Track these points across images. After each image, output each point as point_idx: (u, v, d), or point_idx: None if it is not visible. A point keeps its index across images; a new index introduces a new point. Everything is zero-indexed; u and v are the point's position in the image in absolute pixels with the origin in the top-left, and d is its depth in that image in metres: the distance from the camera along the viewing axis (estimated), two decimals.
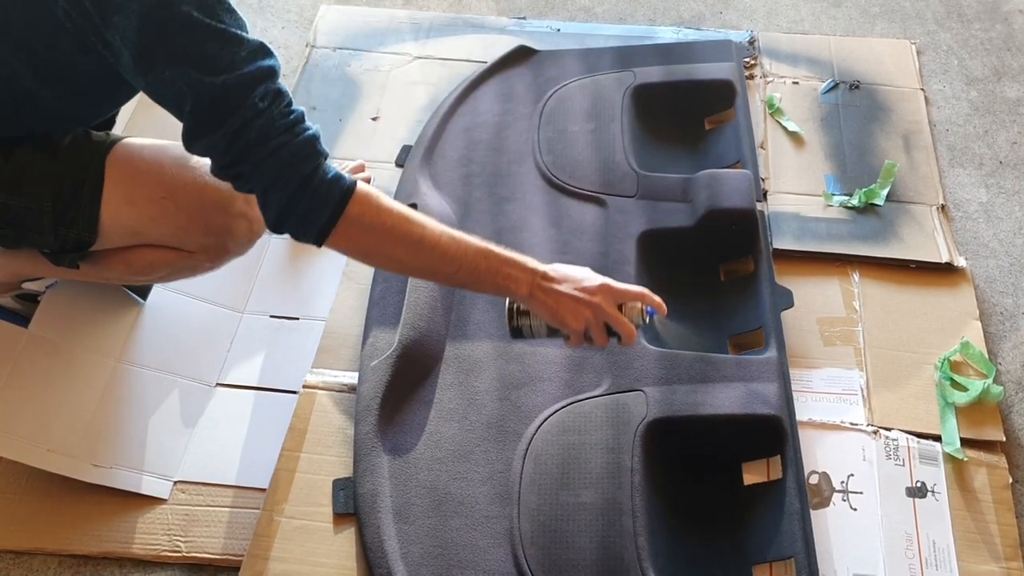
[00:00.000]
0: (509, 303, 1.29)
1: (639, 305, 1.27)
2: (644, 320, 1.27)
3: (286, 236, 1.18)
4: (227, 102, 1.09)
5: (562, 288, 1.24)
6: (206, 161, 1.19)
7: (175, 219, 1.34)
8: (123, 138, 1.36)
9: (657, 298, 1.29)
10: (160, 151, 1.35)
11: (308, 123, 1.15)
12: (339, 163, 1.82)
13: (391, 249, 1.20)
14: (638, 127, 1.91)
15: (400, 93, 2.06)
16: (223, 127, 1.10)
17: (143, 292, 1.65)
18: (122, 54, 1.12)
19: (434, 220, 1.22)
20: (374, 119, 2.00)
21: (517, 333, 1.30)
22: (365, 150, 1.93)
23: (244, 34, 1.12)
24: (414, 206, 1.69)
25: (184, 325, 1.65)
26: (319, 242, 1.17)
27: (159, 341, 1.62)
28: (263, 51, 1.13)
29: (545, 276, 1.25)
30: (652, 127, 1.94)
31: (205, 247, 1.39)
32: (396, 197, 1.76)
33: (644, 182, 1.76)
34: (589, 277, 1.26)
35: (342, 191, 1.14)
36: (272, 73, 1.13)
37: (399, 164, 1.88)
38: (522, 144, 1.86)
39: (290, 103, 1.14)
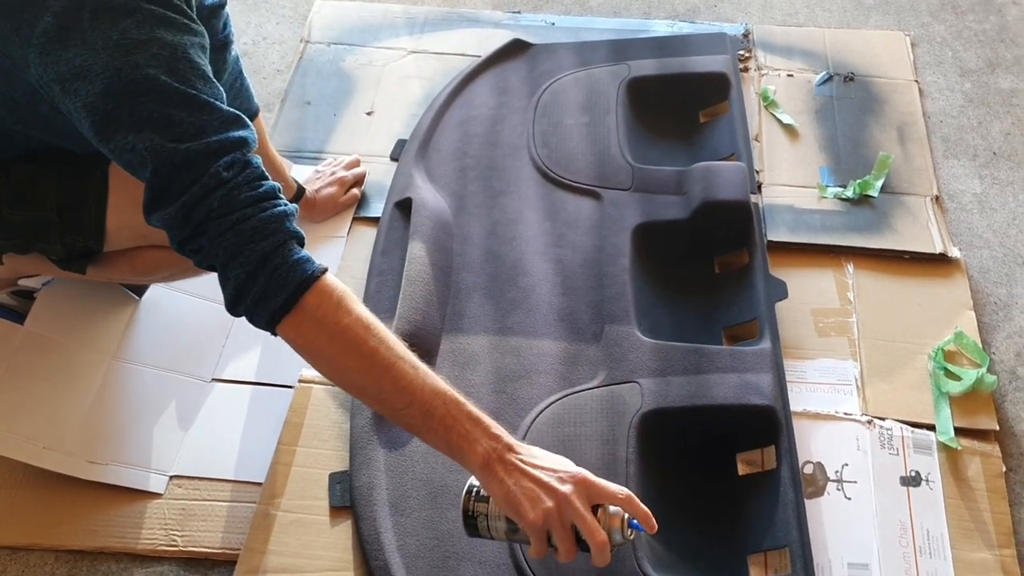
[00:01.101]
0: (468, 487, 1.12)
1: (621, 514, 1.06)
2: (626, 535, 1.05)
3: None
4: (188, 171, 1.03)
5: (527, 468, 1.05)
6: None
7: None
8: None
9: (644, 508, 1.07)
10: None
11: (281, 200, 1.07)
12: (333, 158, 1.86)
13: (338, 355, 1.07)
14: (633, 120, 1.92)
15: (395, 87, 2.06)
16: (182, 197, 1.03)
17: (139, 289, 1.66)
18: (82, 121, 1.07)
19: (402, 345, 1.09)
20: (369, 114, 2.01)
21: (472, 527, 1.11)
22: (360, 145, 1.93)
23: (217, 103, 1.07)
24: (409, 200, 1.70)
25: (179, 321, 1.65)
26: (271, 328, 1.07)
27: (155, 338, 1.62)
28: (237, 122, 1.08)
29: (510, 448, 1.07)
30: (647, 120, 1.95)
31: None
32: (391, 191, 1.78)
33: (639, 175, 1.76)
34: (565, 465, 1.07)
35: (303, 276, 1.05)
36: (242, 144, 1.07)
37: (394, 158, 1.88)
38: (517, 137, 1.86)
39: (262, 176, 1.07)
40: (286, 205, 1.08)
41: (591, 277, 1.63)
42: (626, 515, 1.05)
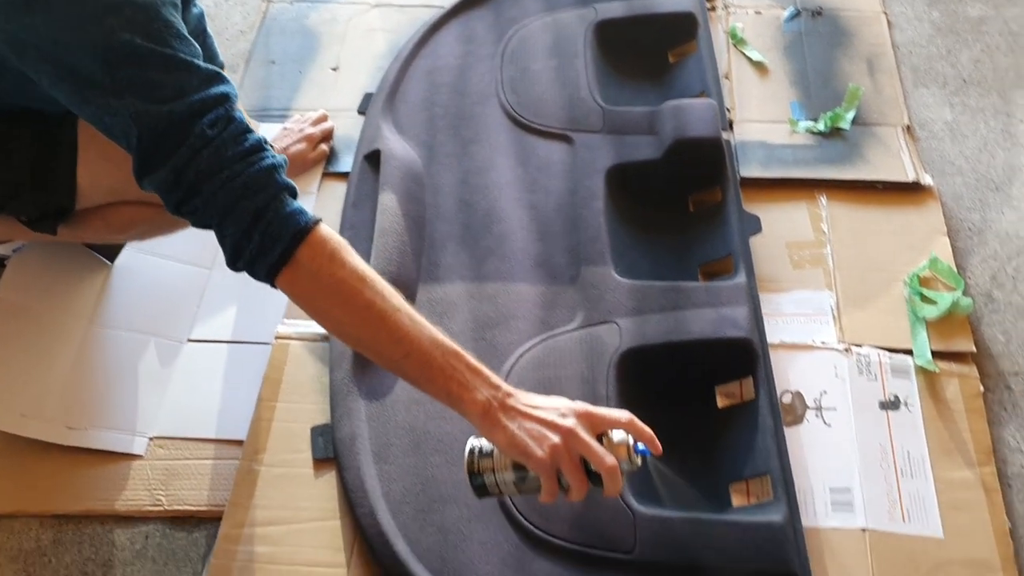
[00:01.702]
0: (470, 449, 1.11)
1: (628, 439, 1.06)
2: (635, 462, 1.06)
3: None
4: (174, 132, 1.02)
5: (527, 409, 1.06)
6: None
7: None
8: None
9: (648, 431, 1.09)
10: None
11: (268, 151, 1.07)
12: (300, 115, 1.84)
13: (332, 307, 1.08)
14: (602, 62, 1.90)
15: (359, 42, 2.04)
16: (171, 160, 1.02)
17: (111, 254, 1.64)
18: (57, 88, 1.06)
19: (399, 296, 1.09)
20: (334, 69, 1.99)
21: (481, 488, 1.11)
22: (327, 100, 1.91)
23: (195, 61, 1.05)
24: (377, 152, 1.69)
25: (153, 284, 1.64)
26: (271, 282, 1.07)
27: (129, 302, 1.61)
28: (217, 78, 1.07)
29: (509, 394, 1.07)
30: (615, 62, 1.93)
31: None
32: (359, 145, 1.76)
33: (610, 116, 1.75)
34: (562, 401, 1.08)
35: (296, 228, 1.04)
36: (224, 99, 1.06)
37: (361, 112, 1.86)
38: (485, 85, 1.85)
39: (246, 129, 1.06)
40: (274, 157, 1.07)
41: (566, 221, 1.62)
42: (631, 442, 1.06)
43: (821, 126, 1.81)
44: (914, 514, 1.34)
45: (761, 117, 1.85)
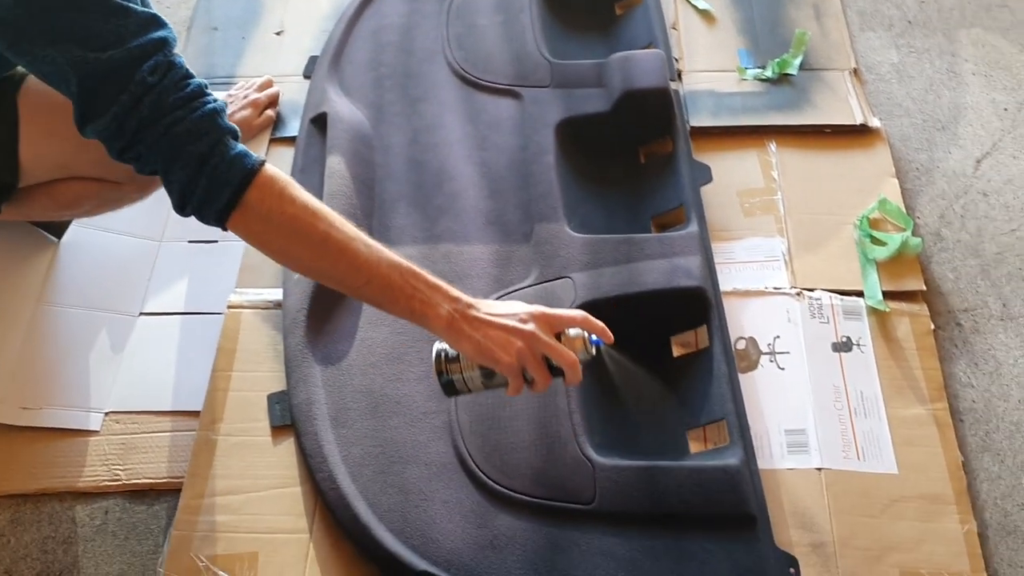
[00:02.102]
0: (436, 353, 1.17)
1: (582, 333, 1.14)
2: (590, 352, 1.14)
3: None
4: (115, 79, 1.01)
5: (488, 317, 1.11)
6: None
7: (99, 148, 1.29)
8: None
9: (600, 323, 1.16)
10: None
11: (209, 96, 1.06)
12: (245, 81, 1.81)
13: (291, 246, 1.09)
14: (548, 16, 1.89)
15: (303, 4, 2.00)
16: (112, 107, 1.01)
17: (58, 231, 1.62)
18: None
19: (351, 225, 1.10)
20: (278, 33, 1.96)
21: (450, 388, 1.17)
22: (272, 66, 1.88)
23: (132, 5, 1.03)
24: (323, 115, 1.67)
25: (102, 260, 1.62)
26: (221, 226, 1.07)
27: (78, 278, 1.59)
28: (154, 22, 1.05)
29: (470, 306, 1.12)
30: (562, 15, 1.92)
31: (132, 176, 1.34)
32: (305, 108, 1.74)
33: (558, 70, 1.74)
34: (519, 306, 1.14)
35: (243, 172, 1.04)
36: (163, 44, 1.04)
37: (307, 76, 1.84)
38: (431, 42, 1.82)
39: (187, 75, 1.05)
40: (215, 101, 1.06)
41: (517, 177, 1.61)
42: (586, 335, 1.14)
43: (769, 73, 1.81)
44: (868, 452, 1.36)
45: (709, 66, 1.84)
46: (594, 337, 1.15)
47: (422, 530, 1.24)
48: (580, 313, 1.16)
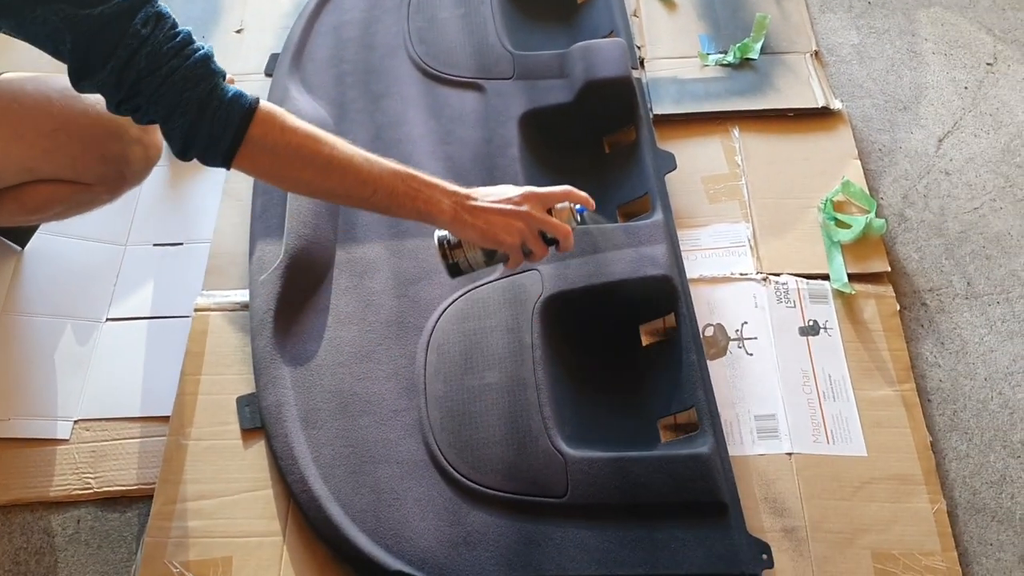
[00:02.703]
0: (439, 240, 1.24)
1: (568, 206, 1.23)
2: (576, 220, 1.23)
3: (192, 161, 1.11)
4: (108, 34, 1.01)
5: (487, 205, 1.19)
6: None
7: (69, 150, 1.28)
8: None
9: (583, 193, 1.25)
10: (43, 83, 1.28)
11: (198, 42, 1.07)
12: None
13: (299, 172, 1.14)
14: (509, 7, 1.88)
15: (263, 2, 1.99)
16: (109, 62, 1.02)
17: (22, 240, 1.60)
18: None
19: (345, 141, 1.15)
20: (238, 31, 1.94)
21: (455, 270, 1.25)
22: (232, 64, 1.86)
23: None
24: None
25: (66, 266, 1.60)
26: (226, 166, 1.11)
27: (42, 286, 1.57)
28: None
29: (468, 196, 1.19)
30: (523, 5, 1.91)
31: (102, 177, 1.34)
32: None
33: (520, 62, 1.74)
34: (511, 189, 1.22)
35: (242, 111, 1.07)
36: None
37: (268, 73, 1.82)
38: (392, 37, 1.81)
39: (174, 24, 1.06)
40: (204, 47, 1.08)
41: (482, 171, 1.61)
42: (571, 205, 1.23)
43: (731, 58, 1.81)
44: (838, 435, 1.37)
45: (671, 53, 1.84)
46: (578, 207, 1.24)
47: (395, 529, 1.24)
48: (564, 187, 1.24)
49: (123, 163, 1.33)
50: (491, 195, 1.21)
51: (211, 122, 1.06)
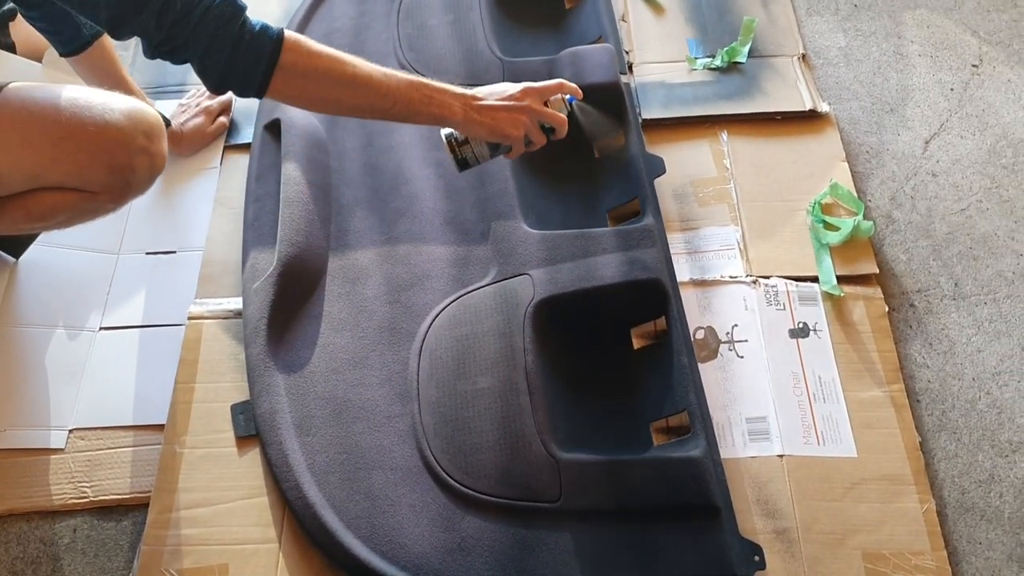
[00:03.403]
0: (447, 138, 1.36)
1: (561, 97, 1.37)
2: (567, 108, 1.37)
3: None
4: None
5: (493, 103, 1.31)
6: (104, 99, 1.24)
7: (76, 158, 1.28)
8: (8, 84, 1.30)
9: (572, 85, 1.38)
10: (52, 92, 1.29)
11: None
12: (197, 89, 1.80)
13: (328, 91, 1.23)
14: (498, 13, 1.89)
15: (253, 8, 1.92)
16: (147, 7, 1.11)
17: (16, 251, 1.60)
18: None
19: (362, 60, 1.25)
20: None
21: (464, 164, 1.38)
22: None
23: None
24: (277, 121, 1.66)
25: (59, 277, 1.61)
26: (260, 95, 1.20)
27: (36, 297, 1.58)
28: None
29: (474, 97, 1.31)
30: (512, 12, 1.92)
31: (108, 186, 1.34)
32: (259, 113, 1.74)
33: (509, 68, 1.74)
34: (510, 86, 1.34)
35: (271, 42, 1.16)
36: None
37: None
38: (382, 44, 1.82)
39: None
40: None
41: (473, 177, 1.61)
42: (563, 96, 1.37)
43: (719, 62, 1.82)
44: (828, 436, 1.38)
45: (660, 57, 1.85)
46: (569, 97, 1.38)
47: (390, 536, 1.25)
48: (557, 80, 1.37)
49: (129, 172, 1.34)
50: (494, 93, 1.33)
51: (245, 55, 1.16)
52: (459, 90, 1.30)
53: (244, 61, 1.16)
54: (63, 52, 1.54)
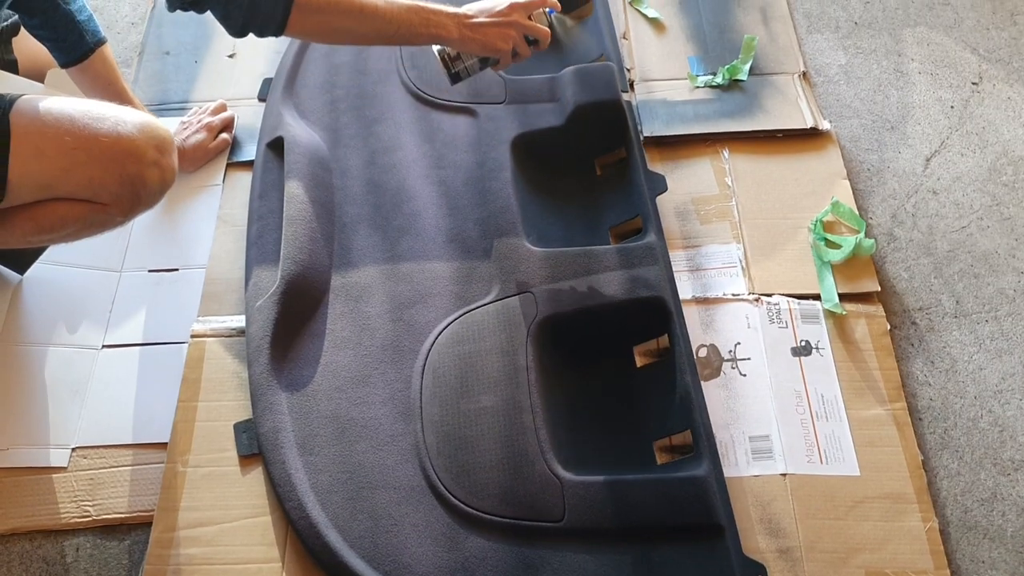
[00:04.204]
0: (440, 55, 1.45)
1: (542, 10, 1.46)
2: (549, 21, 1.48)
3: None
4: None
5: (484, 20, 1.41)
6: (116, 112, 1.28)
7: (88, 169, 1.29)
8: (21, 95, 1.31)
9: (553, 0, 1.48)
10: (67, 104, 1.31)
11: None
12: (199, 107, 1.81)
13: (341, 22, 1.33)
14: None
15: None
16: None
17: (22, 266, 1.61)
18: None
19: None
20: (231, 56, 1.95)
21: (456, 78, 1.48)
22: (226, 89, 1.88)
23: None
24: (280, 139, 1.67)
25: (62, 295, 1.61)
26: (280, 33, 1.31)
27: (38, 314, 1.58)
28: None
29: (466, 15, 1.40)
30: None
31: (118, 197, 1.34)
32: (262, 131, 1.75)
33: (512, 87, 1.75)
34: (498, 2, 1.43)
35: None
36: None
37: (261, 99, 1.84)
38: (385, 63, 1.83)
39: None
40: None
41: (475, 194, 1.62)
42: (544, 10, 1.46)
43: (720, 79, 1.83)
44: (831, 455, 1.38)
45: (661, 75, 1.86)
46: (549, 10, 1.47)
47: (393, 556, 1.25)
48: None
49: (140, 184, 1.34)
50: (484, 10, 1.42)
51: (263, 1, 1.26)
52: (452, 10, 1.40)
53: (263, 7, 1.27)
54: (65, 62, 1.54)
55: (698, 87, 1.83)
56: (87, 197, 1.33)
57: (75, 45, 1.52)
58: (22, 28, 1.65)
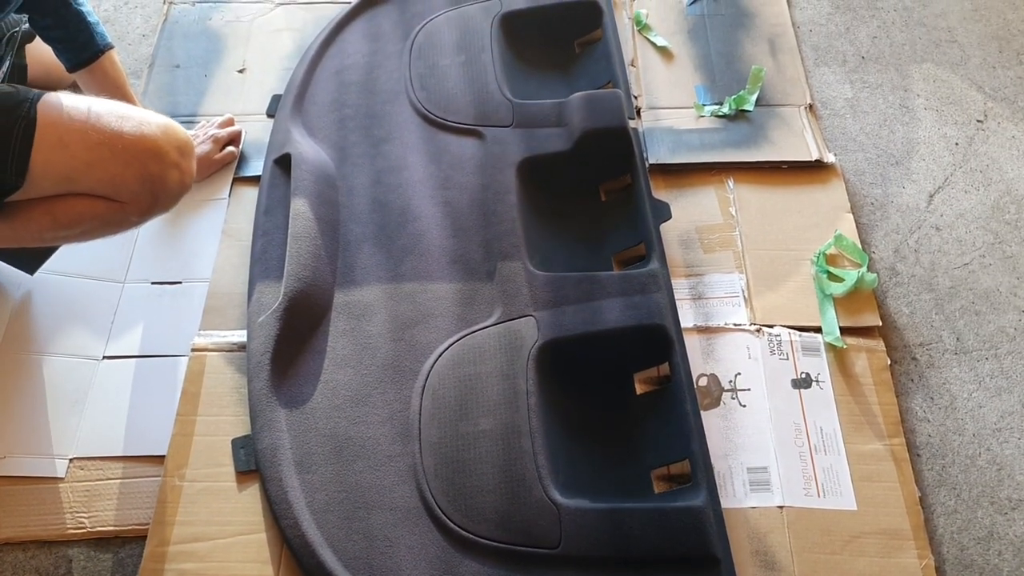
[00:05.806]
0: None
1: None
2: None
3: None
4: None
5: None
6: (140, 112, 1.29)
7: (110, 166, 1.30)
8: (46, 92, 1.32)
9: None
10: (92, 102, 1.33)
11: None
12: (208, 119, 1.81)
13: None
14: (509, 55, 1.91)
15: (265, 42, 2.01)
16: None
17: (32, 266, 1.61)
18: None
19: None
20: (241, 71, 1.96)
21: None
22: (234, 104, 1.89)
23: None
24: (287, 156, 1.68)
25: (64, 304, 1.61)
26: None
27: (40, 324, 1.58)
28: None
29: None
30: (523, 54, 1.94)
31: (137, 196, 1.35)
32: (269, 147, 1.75)
33: (519, 110, 1.76)
34: None
35: None
36: None
37: (270, 114, 1.85)
38: (394, 83, 1.84)
39: None
40: None
41: (480, 216, 1.63)
42: None
43: (726, 109, 1.84)
44: (828, 488, 1.38)
45: (668, 103, 1.87)
46: None
47: None
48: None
49: (160, 185, 1.35)
50: None
51: None
52: None
53: None
54: (74, 64, 1.54)
55: (704, 116, 1.84)
56: (107, 194, 1.34)
57: (86, 45, 1.52)
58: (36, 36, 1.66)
